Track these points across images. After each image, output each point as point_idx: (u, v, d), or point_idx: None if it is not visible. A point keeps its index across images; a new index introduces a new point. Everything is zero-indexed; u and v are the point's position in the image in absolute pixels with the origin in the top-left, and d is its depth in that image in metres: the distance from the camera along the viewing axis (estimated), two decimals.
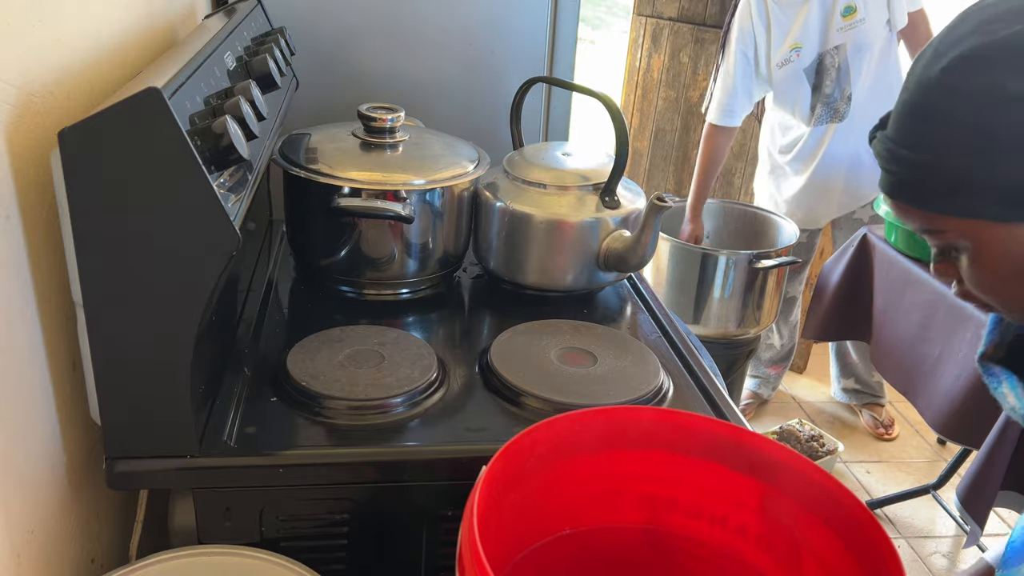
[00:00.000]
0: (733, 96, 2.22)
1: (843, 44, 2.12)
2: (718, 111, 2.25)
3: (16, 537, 0.70)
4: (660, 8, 3.00)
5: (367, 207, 1.07)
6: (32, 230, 0.73)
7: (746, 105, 2.25)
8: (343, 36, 1.46)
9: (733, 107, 2.24)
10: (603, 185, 1.17)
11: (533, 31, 1.52)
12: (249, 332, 1.04)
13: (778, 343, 2.67)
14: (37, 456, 0.75)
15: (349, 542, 0.86)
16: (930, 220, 0.63)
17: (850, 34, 2.11)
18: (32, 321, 0.73)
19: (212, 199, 0.69)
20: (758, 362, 2.70)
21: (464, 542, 0.61)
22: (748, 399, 2.74)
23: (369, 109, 1.15)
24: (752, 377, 2.74)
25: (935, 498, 2.33)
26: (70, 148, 0.66)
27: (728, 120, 2.25)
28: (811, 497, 0.72)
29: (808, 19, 2.11)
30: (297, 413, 0.88)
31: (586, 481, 0.79)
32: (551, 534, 0.79)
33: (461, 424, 0.90)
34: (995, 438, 1.53)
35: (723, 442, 0.77)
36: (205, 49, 0.86)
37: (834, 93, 2.18)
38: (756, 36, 2.16)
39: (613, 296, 1.26)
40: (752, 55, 2.18)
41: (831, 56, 2.14)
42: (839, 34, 2.11)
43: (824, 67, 2.15)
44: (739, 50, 2.18)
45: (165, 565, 0.76)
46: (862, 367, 2.68)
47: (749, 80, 2.21)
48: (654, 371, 0.99)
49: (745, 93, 2.23)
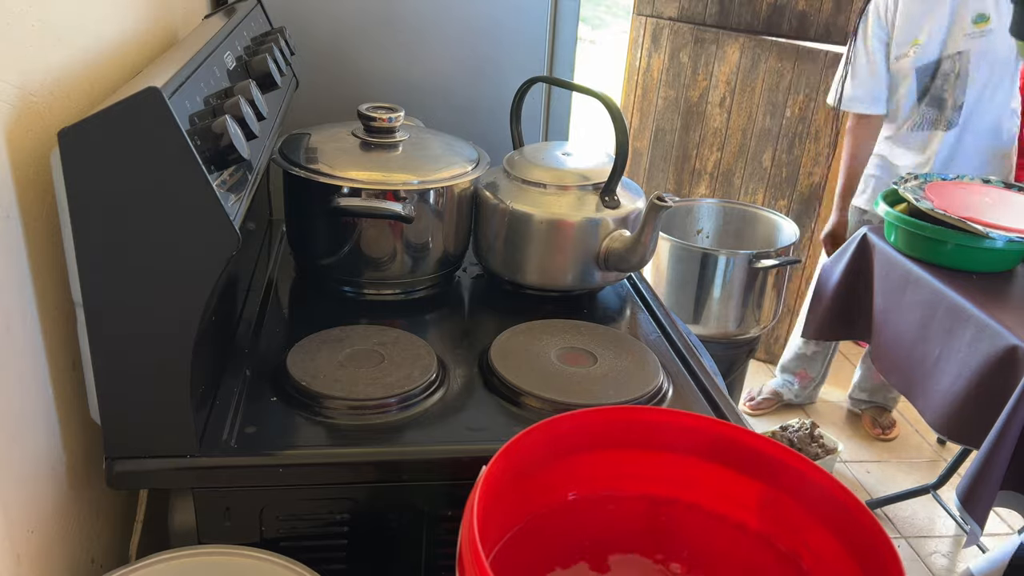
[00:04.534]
0: (876, 81, 2.17)
1: (967, 51, 2.08)
2: (862, 99, 2.20)
3: (16, 537, 0.70)
4: (660, 8, 3.00)
5: (367, 207, 1.07)
6: (32, 230, 0.73)
7: (886, 91, 2.20)
8: (343, 36, 1.46)
9: (876, 92, 2.18)
10: (603, 185, 1.17)
11: (533, 31, 1.52)
12: (249, 332, 1.04)
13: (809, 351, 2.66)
14: (37, 456, 0.75)
15: (349, 542, 0.86)
16: None
17: (977, 42, 2.07)
18: (32, 321, 0.73)
19: (212, 199, 0.69)
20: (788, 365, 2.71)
21: (464, 542, 0.61)
22: (768, 394, 2.77)
23: (369, 109, 1.15)
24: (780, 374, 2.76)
25: (935, 498, 2.33)
26: (70, 148, 0.66)
27: (874, 107, 2.20)
28: (811, 497, 0.72)
29: (937, 17, 2.07)
30: (297, 413, 0.88)
31: (586, 481, 0.79)
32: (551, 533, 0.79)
33: (461, 424, 0.90)
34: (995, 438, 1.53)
35: (723, 442, 0.77)
36: (205, 49, 0.86)
37: (947, 100, 2.14)
38: (889, 22, 2.12)
39: (613, 296, 1.26)
40: (886, 39, 2.14)
41: (952, 61, 2.10)
42: (965, 40, 2.07)
43: (942, 72, 2.11)
44: (876, 36, 2.13)
45: (165, 565, 0.76)
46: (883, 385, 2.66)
47: (886, 66, 2.16)
48: (654, 371, 0.99)
49: (885, 78, 2.17)
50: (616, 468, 0.79)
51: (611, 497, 0.80)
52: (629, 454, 0.79)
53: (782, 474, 0.74)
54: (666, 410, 0.82)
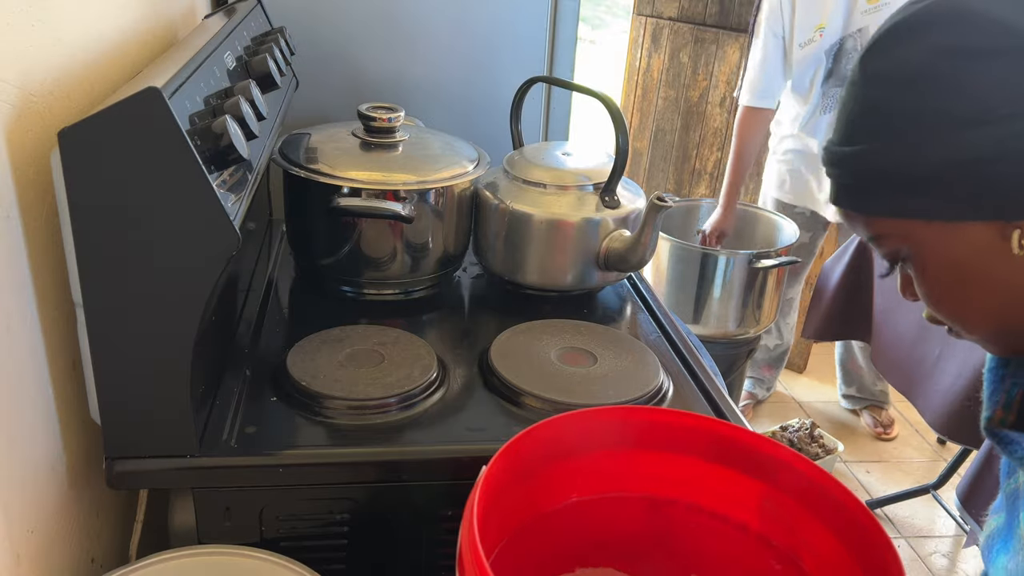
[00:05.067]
0: (767, 75, 2.19)
1: (866, 28, 2.10)
2: (752, 92, 2.21)
3: (16, 537, 0.70)
4: (660, 8, 3.00)
5: (367, 207, 1.07)
6: (32, 230, 0.72)
7: (780, 85, 2.21)
8: (343, 36, 1.46)
9: (768, 87, 2.20)
10: (603, 185, 1.17)
11: (533, 31, 1.52)
12: (249, 332, 1.04)
13: (772, 344, 2.66)
14: (37, 456, 0.75)
15: (349, 542, 0.86)
16: (869, 225, 0.63)
17: (874, 17, 2.08)
18: (32, 321, 0.73)
19: (212, 199, 0.69)
20: (755, 363, 2.70)
21: (464, 542, 0.61)
22: (745, 399, 2.74)
23: (369, 109, 1.15)
24: (748, 377, 2.74)
25: (935, 498, 2.33)
26: (70, 148, 0.66)
27: (763, 101, 2.21)
28: (811, 497, 0.72)
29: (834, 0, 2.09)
30: (297, 413, 0.88)
31: (586, 481, 0.79)
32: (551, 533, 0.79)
33: (461, 424, 0.90)
34: None
35: (723, 442, 0.77)
36: (205, 49, 0.86)
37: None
38: (783, 14, 2.13)
39: (613, 296, 1.26)
40: (781, 34, 2.15)
41: (853, 39, 2.11)
42: (863, 17, 2.09)
43: (845, 50, 2.13)
44: (769, 29, 2.15)
45: (165, 565, 0.76)
46: (868, 375, 2.67)
47: (780, 59, 2.17)
48: (654, 371, 0.99)
49: (778, 73, 2.19)
50: (616, 468, 0.79)
51: (611, 497, 0.80)
52: (629, 454, 0.79)
53: (782, 474, 0.74)
54: (666, 410, 0.82)
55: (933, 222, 0.58)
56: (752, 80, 2.21)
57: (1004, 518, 0.65)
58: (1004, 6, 0.54)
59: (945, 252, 0.59)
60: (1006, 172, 0.54)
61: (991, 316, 0.61)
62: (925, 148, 0.56)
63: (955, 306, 0.62)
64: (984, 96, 0.53)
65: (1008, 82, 0.53)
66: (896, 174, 0.58)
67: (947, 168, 0.55)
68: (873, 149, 0.59)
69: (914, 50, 0.56)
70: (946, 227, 0.58)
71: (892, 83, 0.57)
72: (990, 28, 0.54)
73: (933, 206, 0.57)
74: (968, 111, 0.54)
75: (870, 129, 0.59)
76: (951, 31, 0.55)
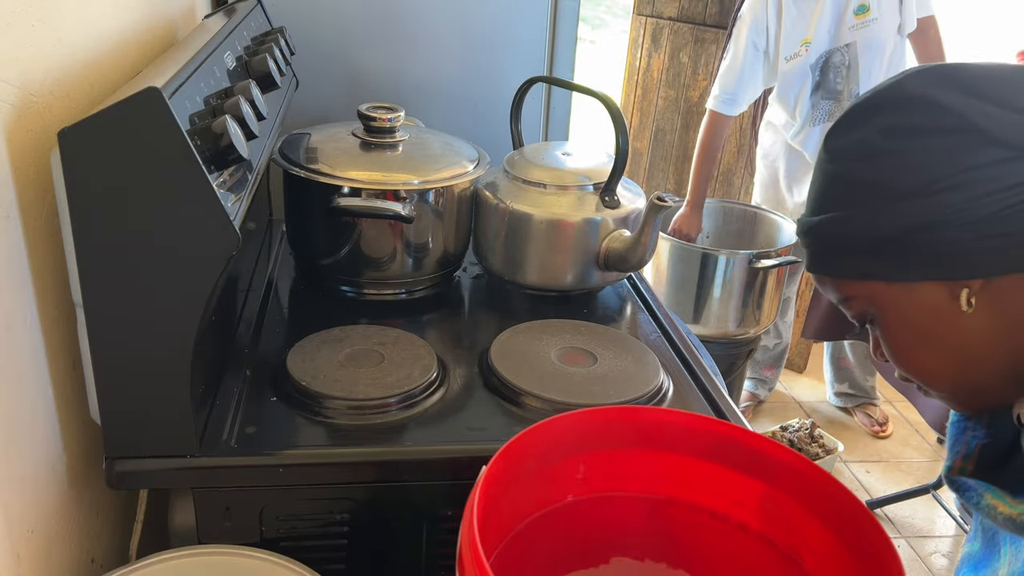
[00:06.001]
0: (740, 84, 2.19)
1: (853, 43, 2.11)
2: (721, 98, 2.22)
3: (16, 537, 0.70)
4: (660, 8, 3.00)
5: (367, 207, 1.07)
6: (32, 230, 0.72)
7: (750, 95, 2.23)
8: (343, 36, 1.46)
9: (737, 96, 2.21)
10: (603, 185, 1.17)
11: (533, 31, 1.52)
12: (249, 332, 1.04)
13: (771, 343, 2.67)
14: (37, 456, 0.75)
15: (349, 542, 0.86)
16: (838, 287, 0.67)
17: (861, 32, 2.09)
18: (32, 321, 0.73)
19: (212, 199, 0.69)
20: (755, 364, 2.70)
21: (464, 542, 0.61)
22: (746, 400, 2.74)
23: (369, 109, 1.15)
24: (748, 379, 2.74)
25: (935, 498, 2.33)
26: (70, 148, 0.66)
27: (730, 108, 2.23)
28: (811, 497, 0.72)
29: (821, 14, 2.09)
30: (297, 413, 0.88)
31: (586, 481, 0.79)
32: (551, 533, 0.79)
33: (461, 424, 0.90)
34: None
35: (723, 442, 0.77)
36: (205, 49, 0.86)
37: (842, 92, 2.16)
38: (768, 27, 2.13)
39: (613, 296, 1.26)
40: (763, 46, 2.15)
41: (841, 54, 2.12)
42: (850, 32, 2.10)
43: (831, 64, 2.14)
44: (750, 40, 2.15)
45: (165, 565, 0.76)
46: (858, 371, 2.68)
47: (756, 71, 2.18)
48: (654, 371, 0.99)
49: (751, 83, 2.20)
50: (616, 468, 0.79)
51: (611, 497, 0.80)
52: (629, 454, 0.79)
53: (782, 474, 0.74)
54: (666, 410, 0.82)
55: (893, 283, 0.63)
56: (724, 86, 2.22)
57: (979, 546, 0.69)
58: (941, 89, 0.60)
59: (905, 312, 0.64)
60: (950, 237, 0.59)
61: (949, 375, 0.65)
62: (880, 216, 0.61)
63: (918, 365, 0.66)
64: (925, 170, 0.59)
65: (946, 157, 0.58)
66: (859, 238, 0.63)
67: (900, 233, 0.60)
68: (838, 217, 0.64)
69: (866, 130, 0.62)
70: (904, 288, 0.63)
71: (850, 159, 0.63)
72: (929, 109, 0.59)
73: (891, 267, 0.62)
74: (913, 183, 0.59)
75: (835, 199, 0.65)
76: (895, 113, 0.61)
